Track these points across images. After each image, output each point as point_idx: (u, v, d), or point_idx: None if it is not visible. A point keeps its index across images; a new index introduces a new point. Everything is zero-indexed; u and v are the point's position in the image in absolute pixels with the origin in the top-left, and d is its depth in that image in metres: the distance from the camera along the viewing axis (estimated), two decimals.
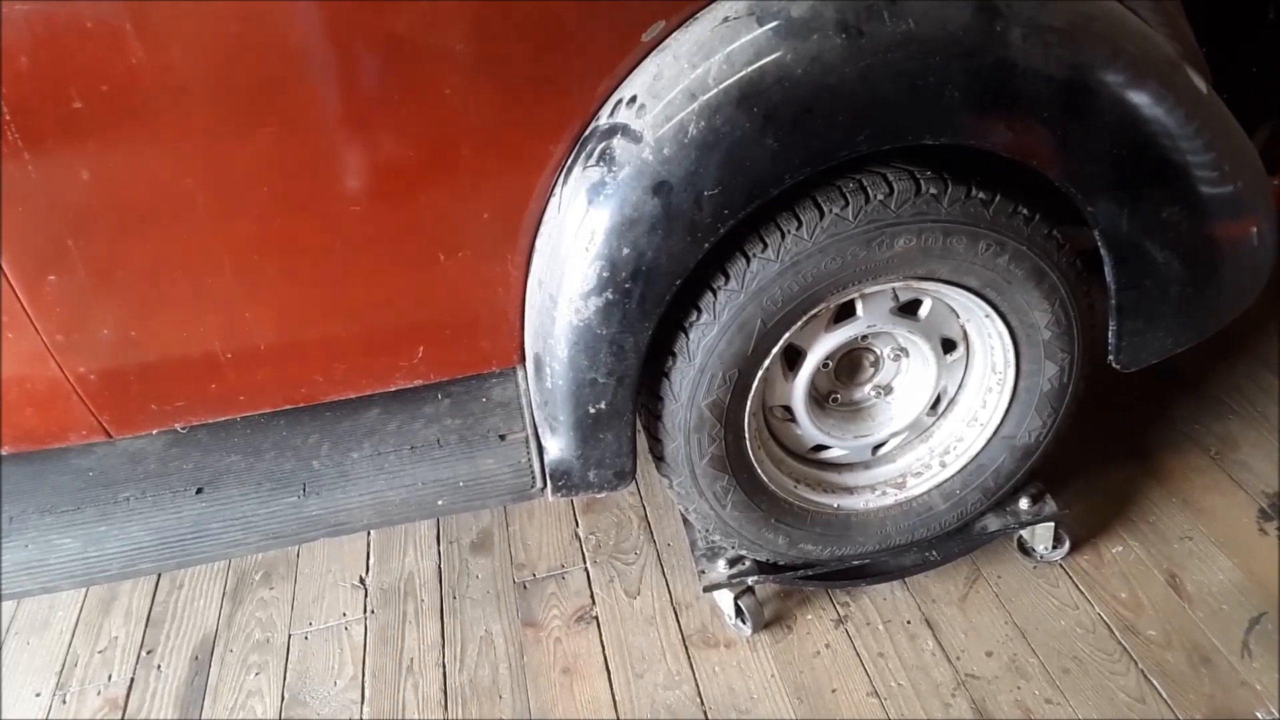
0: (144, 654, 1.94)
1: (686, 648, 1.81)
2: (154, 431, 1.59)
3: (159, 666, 1.91)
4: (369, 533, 2.12)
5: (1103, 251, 1.46)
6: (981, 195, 1.38)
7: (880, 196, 1.34)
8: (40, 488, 1.57)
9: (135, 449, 1.63)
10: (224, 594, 2.03)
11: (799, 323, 1.44)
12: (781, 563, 1.74)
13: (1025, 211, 1.41)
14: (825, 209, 1.34)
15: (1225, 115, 1.46)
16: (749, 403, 1.49)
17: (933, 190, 1.36)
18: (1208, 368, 2.21)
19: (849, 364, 1.65)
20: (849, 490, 1.72)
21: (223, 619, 1.98)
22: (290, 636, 1.93)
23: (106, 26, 1.13)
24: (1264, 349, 2.25)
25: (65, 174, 1.22)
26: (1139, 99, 1.35)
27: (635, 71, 1.30)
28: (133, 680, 1.89)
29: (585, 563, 2.00)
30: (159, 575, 2.08)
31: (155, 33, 1.15)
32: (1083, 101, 1.33)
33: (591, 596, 1.93)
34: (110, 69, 1.15)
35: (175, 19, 1.15)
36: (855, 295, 1.47)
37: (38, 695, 1.87)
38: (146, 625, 1.99)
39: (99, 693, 1.87)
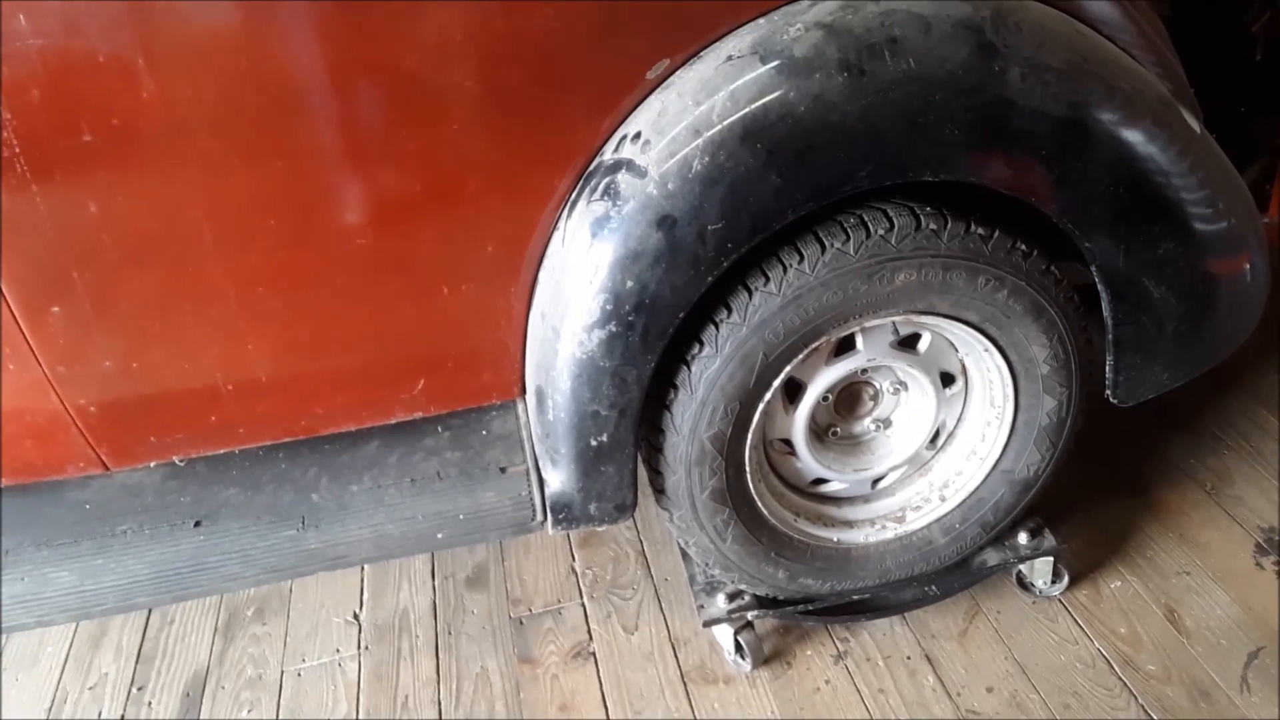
0: (135, 690, 1.91)
1: (685, 684, 1.79)
2: (151, 464, 1.58)
3: (150, 704, 1.88)
4: (363, 568, 2.10)
5: (1100, 287, 1.48)
6: (980, 231, 1.40)
7: (881, 231, 1.36)
8: (36, 520, 1.55)
9: (132, 482, 1.62)
10: (216, 630, 2.01)
11: (800, 356, 1.44)
12: (781, 597, 1.73)
13: (1023, 247, 1.43)
14: (827, 243, 1.36)
15: (1217, 153, 1.49)
16: (750, 436, 1.50)
17: (932, 226, 1.37)
18: (1202, 403, 2.23)
19: (849, 397, 1.65)
20: (849, 524, 1.72)
21: (214, 655, 1.96)
22: (283, 673, 1.91)
23: (118, 61, 1.14)
24: (1258, 384, 2.27)
25: (72, 206, 1.22)
26: (1134, 137, 1.37)
27: (640, 108, 1.32)
28: (123, 717, 1.86)
29: (582, 598, 1.99)
30: (150, 611, 2.05)
31: (164, 67, 1.16)
32: (1079, 139, 1.35)
33: (589, 632, 1.91)
34: (120, 103, 1.16)
35: (184, 54, 1.17)
36: (856, 329, 1.48)
37: None
38: (137, 661, 1.96)
39: None
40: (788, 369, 1.45)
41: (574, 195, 1.36)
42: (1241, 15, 1.82)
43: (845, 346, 1.54)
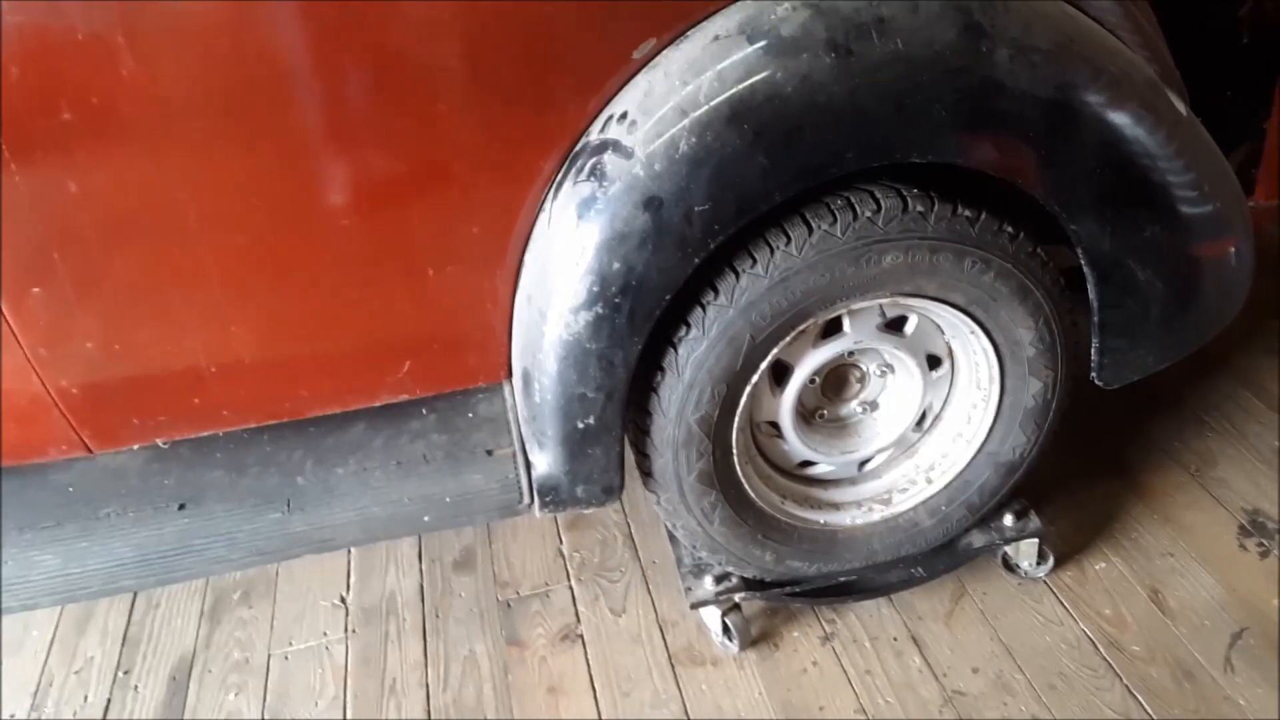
0: (121, 674, 1.90)
1: (673, 666, 1.80)
2: (135, 447, 1.57)
3: (136, 687, 1.88)
4: (350, 551, 2.10)
5: (1086, 270, 1.48)
6: (967, 213, 1.40)
7: (868, 214, 1.36)
8: (19, 504, 1.54)
9: (116, 464, 1.61)
10: (202, 613, 2.00)
11: (787, 338, 1.44)
12: (768, 579, 1.73)
13: (1010, 229, 1.43)
14: (814, 225, 1.35)
15: (1204, 136, 1.49)
16: (737, 418, 1.50)
17: (919, 208, 1.37)
18: (1186, 385, 2.24)
19: (835, 380, 1.65)
20: (836, 506, 1.72)
21: (201, 639, 1.95)
22: (270, 656, 1.90)
23: (98, 39, 1.12)
24: (1242, 367, 2.28)
25: (52, 187, 1.21)
26: (1121, 119, 1.37)
27: (626, 88, 1.31)
28: (109, 701, 1.85)
29: (570, 581, 1.99)
30: (135, 594, 2.05)
31: (146, 46, 1.15)
32: (1066, 121, 1.35)
33: (576, 615, 1.92)
34: (101, 81, 1.15)
35: (166, 32, 1.15)
36: (843, 311, 1.48)
37: (12, 717, 1.84)
38: (123, 645, 1.96)
39: (75, 714, 1.83)
40: (775, 351, 1.45)
41: (560, 176, 1.35)
42: None
43: (832, 329, 1.54)
